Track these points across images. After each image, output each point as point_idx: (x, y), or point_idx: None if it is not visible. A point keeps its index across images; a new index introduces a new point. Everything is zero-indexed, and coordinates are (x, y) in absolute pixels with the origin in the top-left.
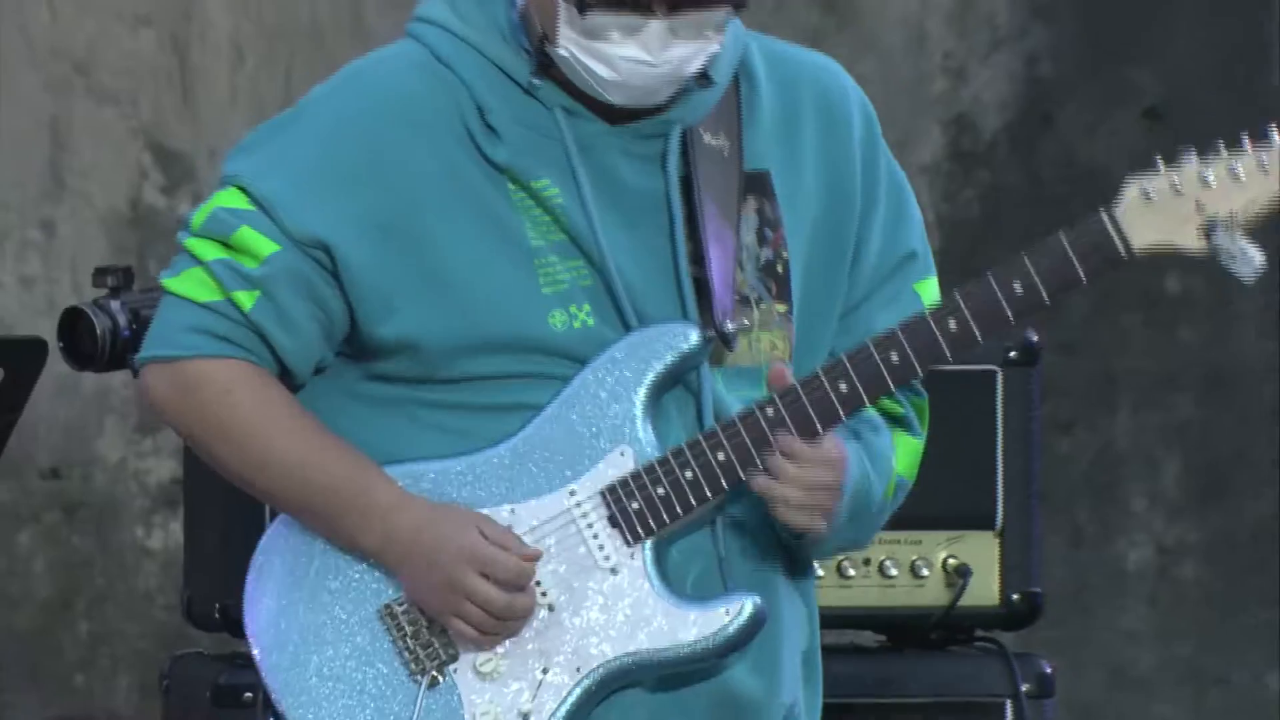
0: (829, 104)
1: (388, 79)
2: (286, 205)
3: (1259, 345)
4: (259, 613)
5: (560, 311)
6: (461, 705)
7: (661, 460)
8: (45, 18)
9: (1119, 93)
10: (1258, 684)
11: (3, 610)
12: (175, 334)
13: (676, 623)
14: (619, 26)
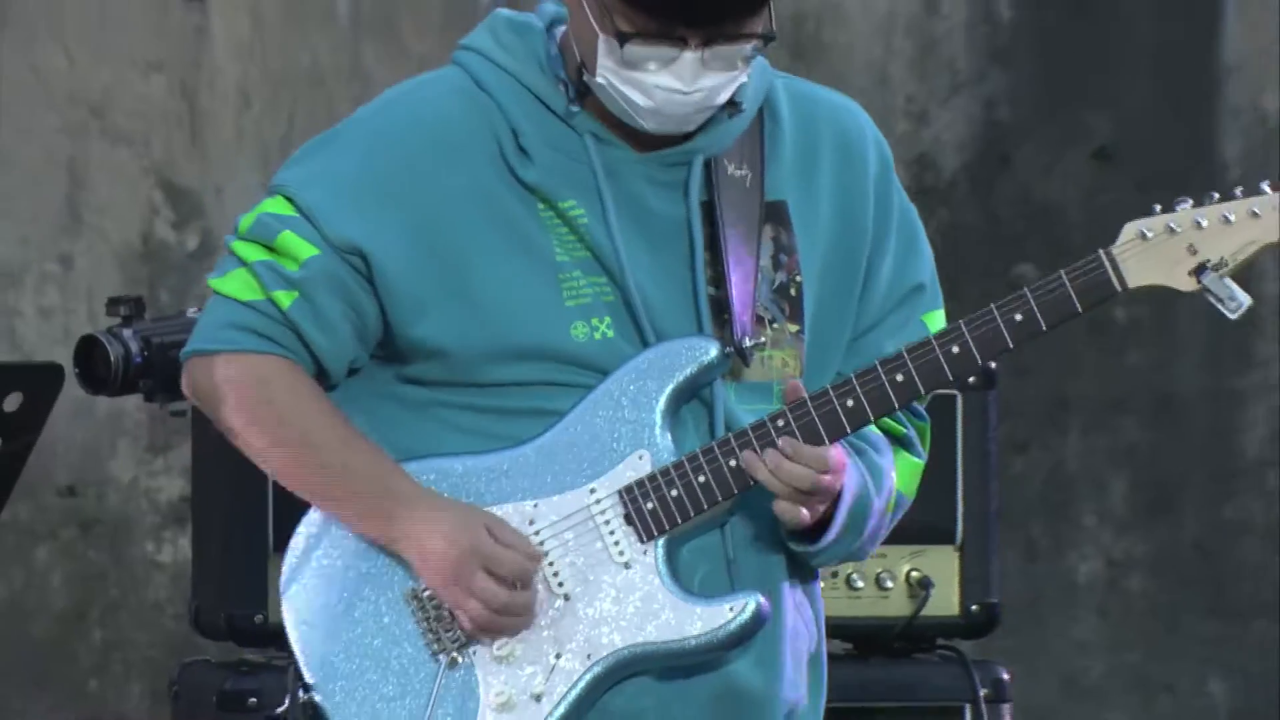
0: (847, 142)
1: (427, 101)
2: (326, 213)
3: (1200, 371)
4: (295, 590)
5: (582, 323)
6: (478, 685)
7: (677, 464)
8: (63, 64)
9: (1072, 134)
10: (1200, 691)
11: (21, 620)
12: (218, 330)
13: (683, 617)
14: (655, 57)
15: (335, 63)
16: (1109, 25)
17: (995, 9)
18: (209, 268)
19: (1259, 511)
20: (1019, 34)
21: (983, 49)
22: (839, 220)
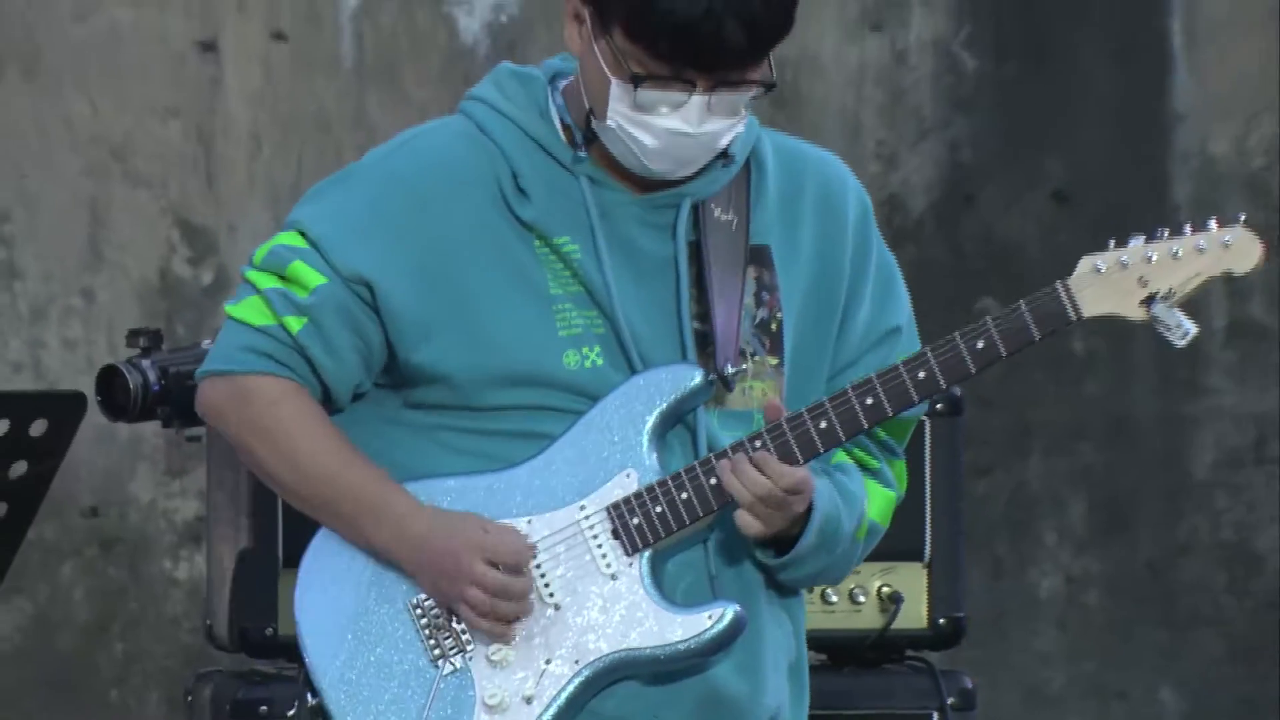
0: (828, 193)
1: (433, 144)
2: (335, 245)
3: (1152, 399)
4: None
5: (573, 352)
6: (474, 688)
7: (661, 482)
8: (87, 110)
9: (1031, 177)
10: (1152, 698)
11: (47, 633)
12: (232, 352)
13: (665, 624)
14: (666, 101)
15: (341, 109)
16: (1066, 75)
17: (959, 60)
18: (223, 302)
19: (1207, 531)
20: (981, 84)
21: (947, 98)
22: (818, 263)
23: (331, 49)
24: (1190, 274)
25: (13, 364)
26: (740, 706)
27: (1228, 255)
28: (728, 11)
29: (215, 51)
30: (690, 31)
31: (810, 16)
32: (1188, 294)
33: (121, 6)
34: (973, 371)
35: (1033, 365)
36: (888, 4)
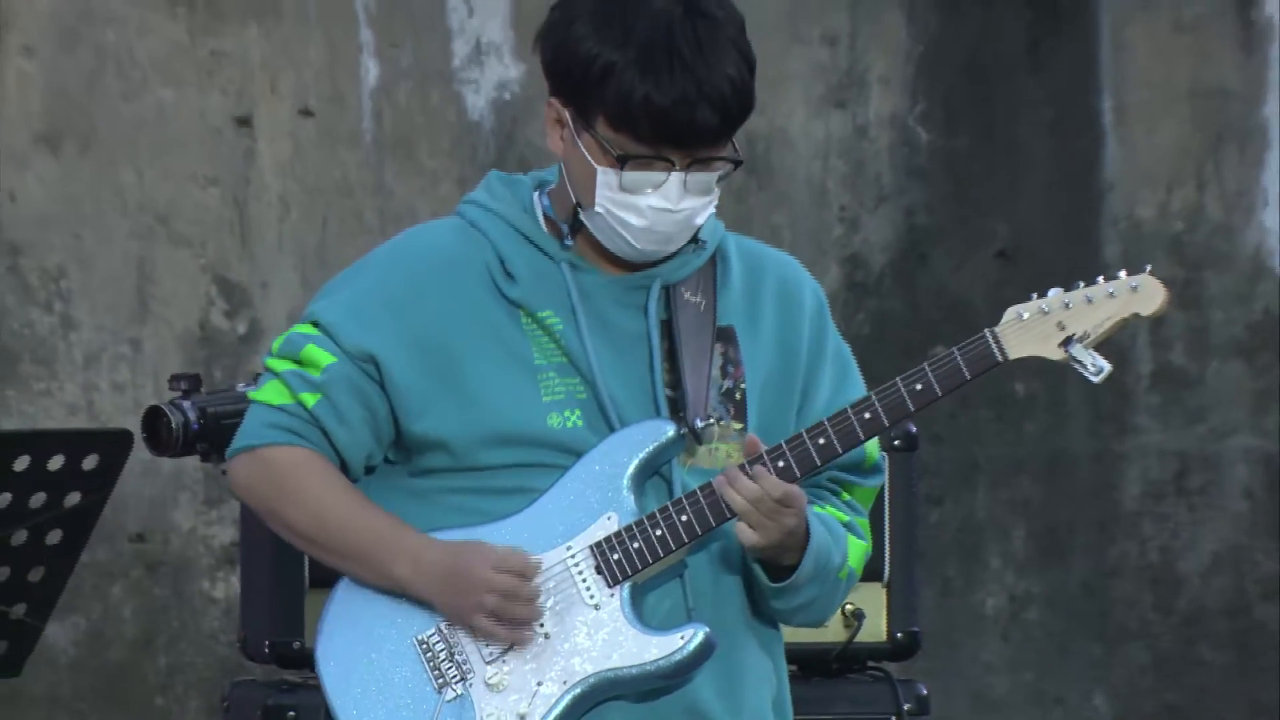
0: (787, 288)
1: (430, 237)
2: (343, 328)
3: (1085, 438)
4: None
5: (556, 414)
6: (474, 709)
7: (638, 522)
8: (134, 180)
9: (978, 238)
10: (1086, 704)
11: (99, 647)
12: (256, 429)
13: (643, 646)
14: (649, 181)
15: (362, 178)
16: (1009, 148)
17: (914, 134)
18: (256, 350)
19: (1134, 555)
20: (934, 155)
21: (904, 168)
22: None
23: (354, 124)
24: (1103, 317)
25: (69, 405)
26: None
27: (1135, 299)
28: (700, 97)
29: (250, 126)
30: (668, 115)
31: (780, 95)
32: (1102, 335)
33: (166, 87)
34: (912, 410)
35: (979, 406)
36: (849, 84)
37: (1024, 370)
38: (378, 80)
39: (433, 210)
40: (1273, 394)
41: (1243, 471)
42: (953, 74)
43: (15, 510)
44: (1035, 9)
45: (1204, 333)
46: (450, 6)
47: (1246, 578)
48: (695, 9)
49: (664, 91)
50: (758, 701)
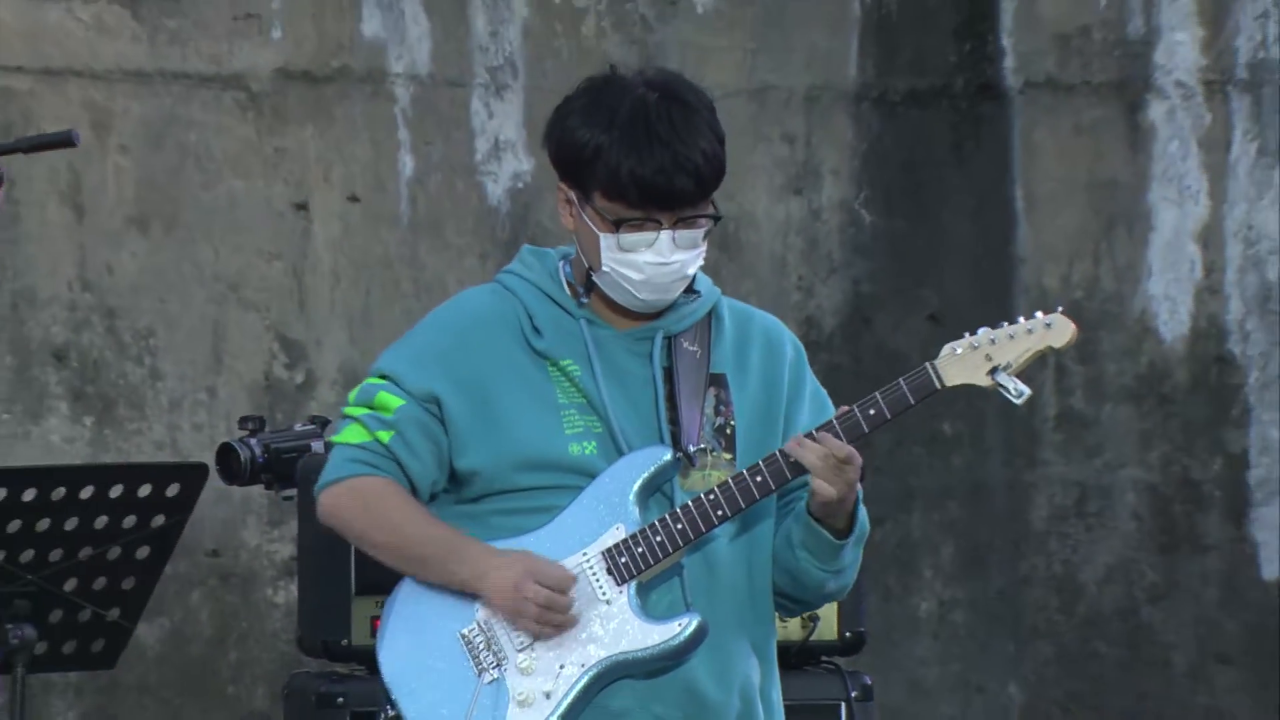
0: (770, 342)
1: (472, 301)
2: (407, 376)
3: (1002, 469)
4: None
5: (575, 444)
6: (508, 689)
7: (642, 531)
8: (210, 255)
9: (912, 305)
10: (1002, 691)
11: (181, 645)
12: (341, 464)
13: (646, 633)
14: (642, 241)
15: (400, 253)
16: (937, 229)
17: (859, 216)
18: (311, 397)
19: (1042, 567)
20: (876, 234)
21: (851, 245)
22: (764, 390)
23: (393, 208)
24: (1023, 349)
25: (156, 443)
26: (713, 703)
27: (1049, 334)
28: (676, 167)
29: (306, 210)
30: (650, 183)
31: (747, 184)
32: (1023, 365)
33: (237, 178)
34: (866, 430)
35: (913, 444)
36: (805, 175)
37: (951, 413)
38: (413, 172)
39: (459, 280)
40: (1155, 433)
41: (1131, 498)
42: (891, 168)
43: (110, 530)
44: (959, 115)
45: (1099, 382)
46: (473, 110)
47: (1134, 586)
48: (669, 95)
49: (645, 164)
50: (746, 683)
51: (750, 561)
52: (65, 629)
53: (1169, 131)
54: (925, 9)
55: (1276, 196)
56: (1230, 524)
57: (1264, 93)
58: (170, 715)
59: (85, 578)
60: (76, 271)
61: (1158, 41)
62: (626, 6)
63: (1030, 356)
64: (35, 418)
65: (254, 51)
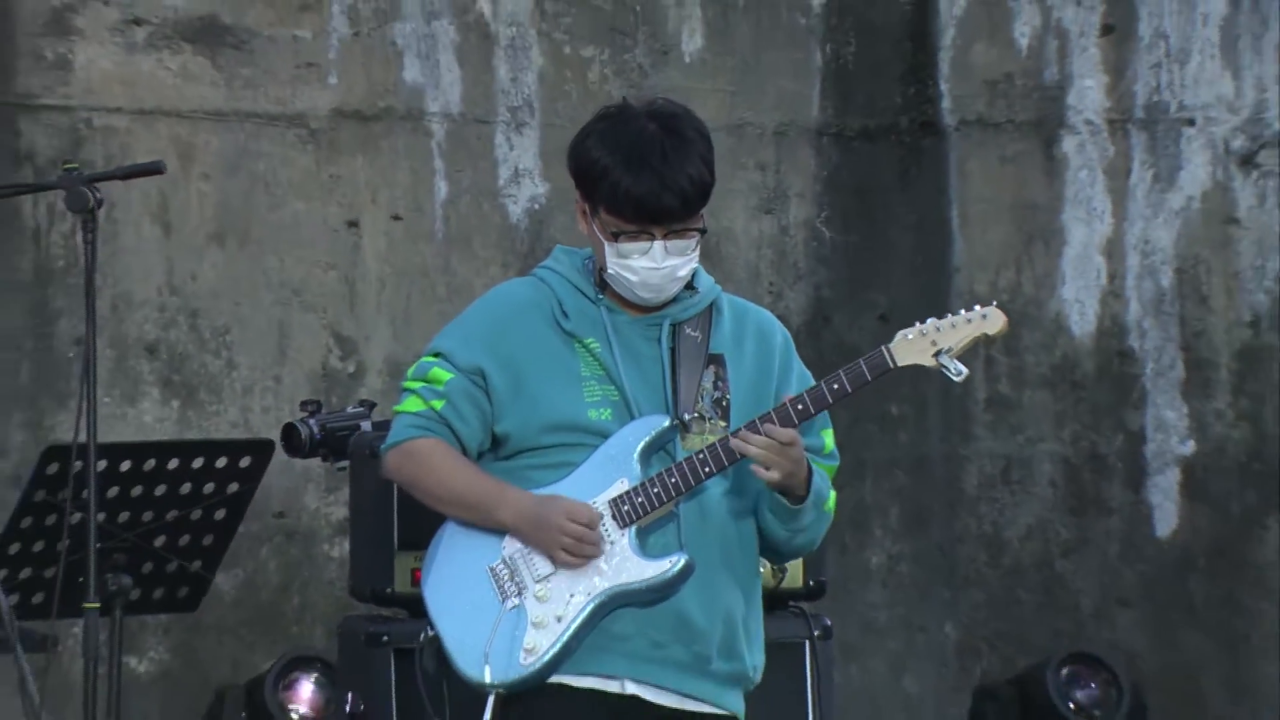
0: (763, 331)
1: (512, 290)
2: (456, 353)
3: (940, 444)
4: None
5: (593, 410)
6: (526, 614)
7: (642, 484)
8: (276, 265)
9: (865, 307)
10: (940, 630)
11: (253, 591)
12: (402, 429)
13: (643, 568)
14: (637, 249)
15: (435, 263)
16: (886, 243)
17: (820, 233)
18: (361, 384)
19: (974, 527)
20: (835, 247)
21: (814, 256)
22: (756, 370)
23: (429, 226)
24: (963, 335)
25: (231, 423)
26: (700, 629)
27: (985, 323)
28: (664, 189)
29: (357, 228)
30: (642, 201)
31: (727, 205)
32: (962, 348)
33: (299, 201)
34: (830, 402)
35: (867, 421)
36: (775, 197)
37: (898, 396)
38: (446, 195)
39: (485, 285)
40: (1068, 414)
41: (1048, 468)
42: (847, 192)
43: (193, 495)
44: (904, 148)
45: (1021, 371)
46: (496, 144)
47: (1050, 542)
48: (667, 126)
49: (638, 185)
50: (729, 613)
51: (738, 511)
52: (155, 578)
53: (1079, 162)
54: (876, 59)
55: (1168, 217)
56: (1129, 490)
57: (1158, 129)
58: (243, 651)
59: (172, 535)
60: (165, 279)
61: (1070, 87)
62: (625, 56)
63: (969, 341)
64: (131, 401)
65: (313, 94)
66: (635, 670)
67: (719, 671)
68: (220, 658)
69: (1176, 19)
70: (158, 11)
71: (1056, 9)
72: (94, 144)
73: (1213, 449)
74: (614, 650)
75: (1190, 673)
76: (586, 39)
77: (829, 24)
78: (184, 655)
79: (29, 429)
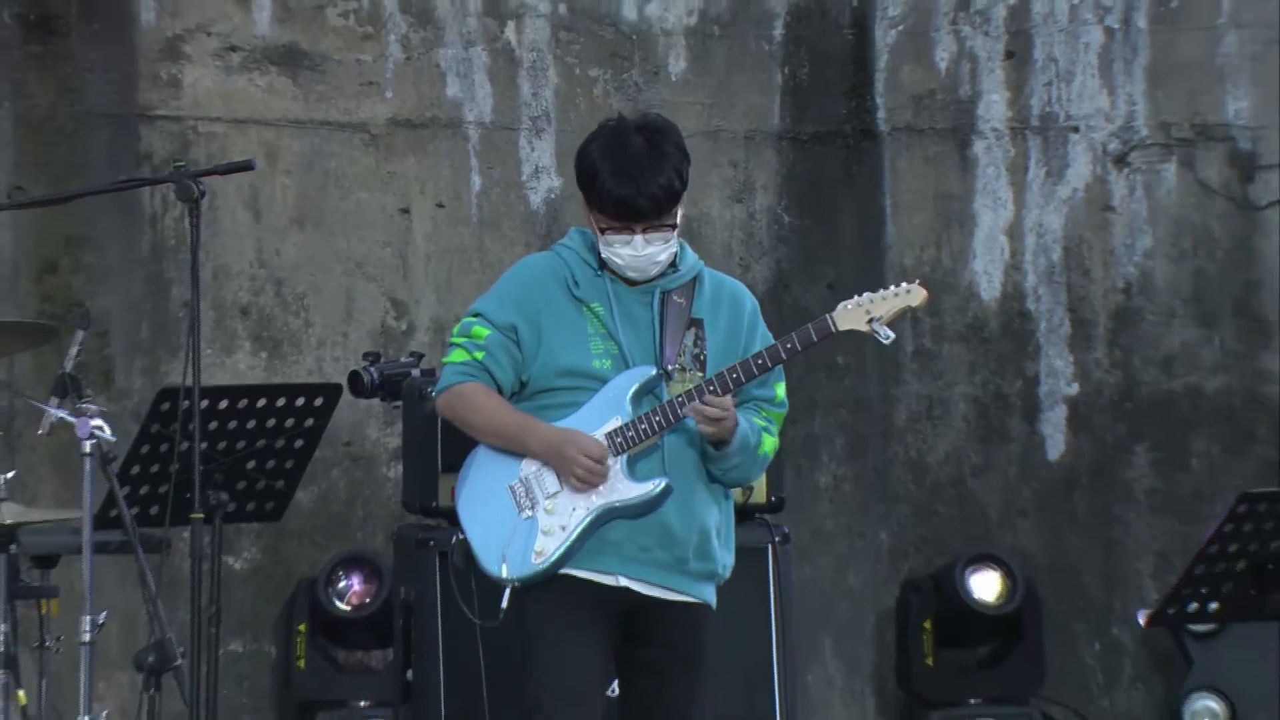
0: (735, 300)
1: (534, 261)
2: (493, 312)
3: (876, 387)
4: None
5: (596, 360)
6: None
7: (632, 421)
8: (344, 244)
9: (816, 278)
10: (875, 537)
11: (325, 505)
12: (450, 376)
13: (631, 489)
14: (620, 241)
15: (470, 242)
16: (833, 226)
17: (780, 217)
18: (412, 339)
19: (903, 454)
20: (793, 230)
21: (775, 236)
22: (728, 331)
23: (466, 212)
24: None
25: (308, 370)
26: (679, 535)
27: (909, 297)
28: (638, 194)
29: (409, 214)
30: (623, 204)
31: (704, 195)
32: (890, 317)
33: (362, 192)
34: (784, 358)
35: (817, 370)
36: (744, 189)
37: (843, 350)
38: (480, 187)
39: (511, 259)
40: (978, 363)
41: (962, 406)
42: (802, 185)
43: (277, 428)
44: (848, 150)
45: (941, 329)
46: (520, 146)
47: (963, 465)
48: (652, 142)
49: (617, 189)
50: (704, 524)
51: None
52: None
53: (987, 161)
54: (825, 79)
55: (1057, 205)
56: (1026, 423)
57: (1049, 135)
58: (317, 551)
59: (260, 460)
60: (255, 254)
61: (979, 101)
62: (623, 76)
63: (896, 312)
64: (228, 353)
65: (373, 106)
66: (626, 568)
67: (694, 570)
68: (299, 557)
69: (1063, 47)
70: (249, 41)
71: (969, 39)
72: (198, 146)
73: (1092, 390)
74: (608, 552)
75: (1074, 569)
76: (593, 62)
77: (787, 50)
78: (270, 555)
79: (147, 375)
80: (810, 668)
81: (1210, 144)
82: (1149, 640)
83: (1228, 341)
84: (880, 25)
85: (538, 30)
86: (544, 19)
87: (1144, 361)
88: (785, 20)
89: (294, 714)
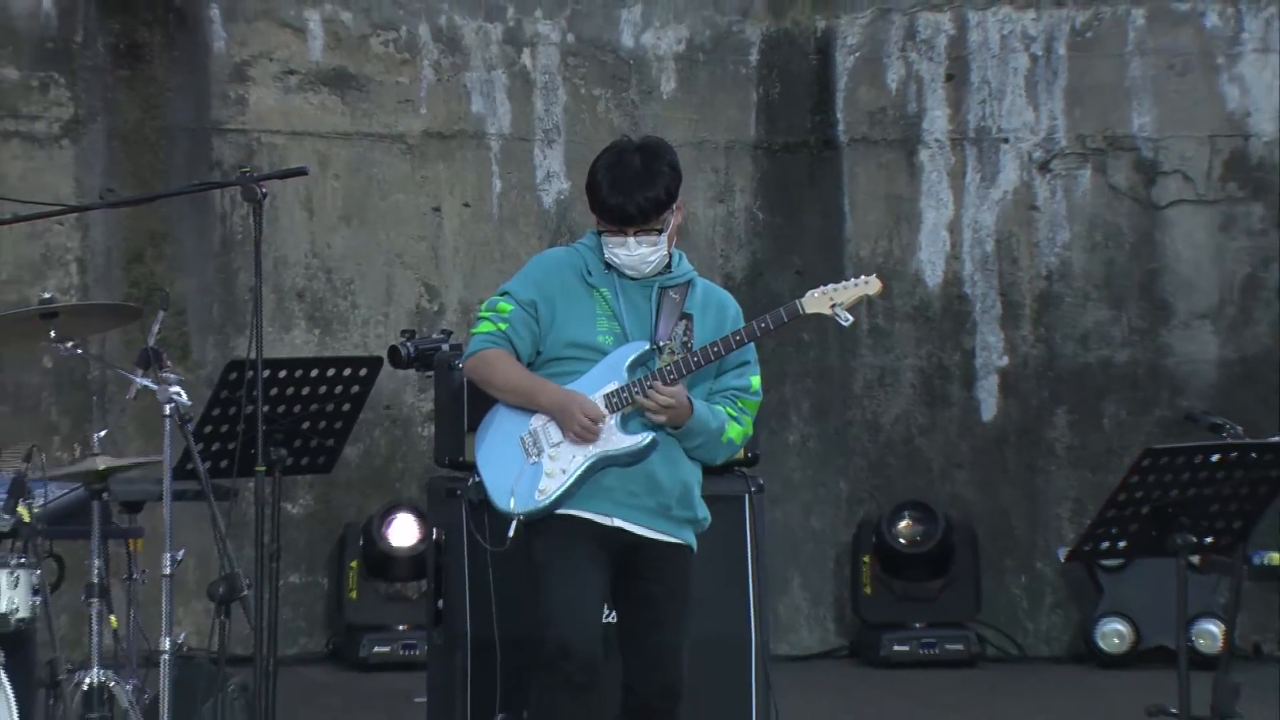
0: (722, 304)
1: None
2: (516, 291)
3: (838, 358)
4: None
5: (601, 336)
6: (541, 468)
7: (627, 385)
8: (385, 238)
9: (786, 266)
10: (835, 486)
11: (369, 460)
12: (477, 344)
13: (622, 441)
14: (617, 243)
15: (492, 237)
16: (802, 224)
17: (756, 215)
18: (442, 319)
19: (860, 415)
20: (766, 226)
21: (751, 231)
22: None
23: (489, 211)
24: (850, 296)
25: (354, 345)
26: (663, 483)
27: (866, 286)
28: (628, 202)
29: (440, 213)
30: (615, 210)
31: (692, 197)
32: (849, 303)
33: (400, 194)
34: (758, 336)
35: (786, 345)
36: (725, 192)
37: (809, 329)
38: (500, 189)
39: (527, 252)
40: (923, 338)
41: (910, 375)
42: (774, 188)
43: (328, 394)
44: (813, 158)
45: (892, 310)
46: (535, 154)
47: (911, 425)
48: (644, 157)
49: (611, 199)
50: (685, 479)
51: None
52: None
53: (931, 168)
54: (793, 97)
55: (990, 205)
56: (964, 389)
57: (983, 145)
58: (363, 500)
59: (314, 420)
60: (309, 246)
61: (925, 116)
62: (623, 95)
63: (855, 300)
64: (286, 330)
65: (410, 121)
66: (617, 511)
67: (677, 516)
68: (347, 504)
69: (995, 70)
70: (305, 65)
71: (915, 64)
72: (261, 155)
73: (1020, 362)
74: (602, 497)
75: (1004, 513)
76: (596, 83)
77: (761, 73)
78: (323, 502)
79: (218, 348)
80: (781, 598)
81: (1119, 153)
82: (1067, 573)
83: (1134, 321)
84: (840, 52)
85: (549, 56)
86: (555, 46)
87: (1063, 338)
88: (760, 48)
89: (344, 636)
